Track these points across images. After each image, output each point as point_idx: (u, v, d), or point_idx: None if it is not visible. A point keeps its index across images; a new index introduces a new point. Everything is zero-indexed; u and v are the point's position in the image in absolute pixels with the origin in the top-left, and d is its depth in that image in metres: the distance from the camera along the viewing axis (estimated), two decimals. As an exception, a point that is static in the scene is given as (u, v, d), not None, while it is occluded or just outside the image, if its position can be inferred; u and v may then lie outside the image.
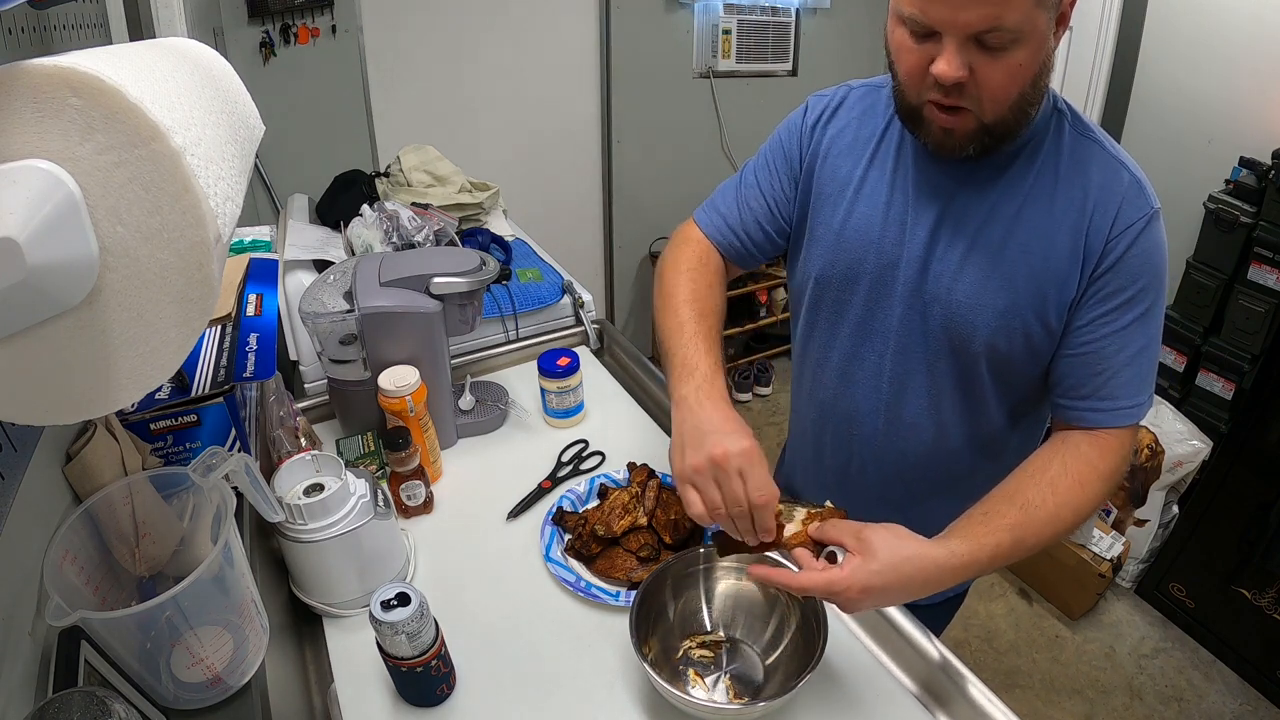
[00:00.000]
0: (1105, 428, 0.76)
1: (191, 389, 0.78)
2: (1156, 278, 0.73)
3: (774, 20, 2.92)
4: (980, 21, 0.62)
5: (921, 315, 0.81)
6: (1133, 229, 0.71)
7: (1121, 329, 0.74)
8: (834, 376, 0.92)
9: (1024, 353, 0.78)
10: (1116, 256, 0.72)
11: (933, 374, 0.83)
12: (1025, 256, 0.74)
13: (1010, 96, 0.67)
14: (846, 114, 0.87)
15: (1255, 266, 1.80)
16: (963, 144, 0.71)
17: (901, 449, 0.89)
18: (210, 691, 0.65)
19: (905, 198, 0.80)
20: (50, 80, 0.33)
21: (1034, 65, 0.66)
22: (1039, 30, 0.63)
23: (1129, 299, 0.73)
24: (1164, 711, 1.85)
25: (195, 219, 0.37)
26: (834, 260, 0.86)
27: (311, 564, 0.80)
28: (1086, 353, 0.75)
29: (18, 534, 0.56)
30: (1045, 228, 0.74)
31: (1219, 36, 1.98)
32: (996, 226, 0.75)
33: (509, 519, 1.00)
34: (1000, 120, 0.69)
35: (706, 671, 0.79)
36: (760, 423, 2.96)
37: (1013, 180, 0.75)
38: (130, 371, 0.39)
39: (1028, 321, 0.76)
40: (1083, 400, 0.76)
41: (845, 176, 0.85)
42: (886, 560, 0.64)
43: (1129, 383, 0.75)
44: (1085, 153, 0.74)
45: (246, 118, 0.60)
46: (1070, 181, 0.73)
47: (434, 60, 2.44)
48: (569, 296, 1.45)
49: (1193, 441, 1.96)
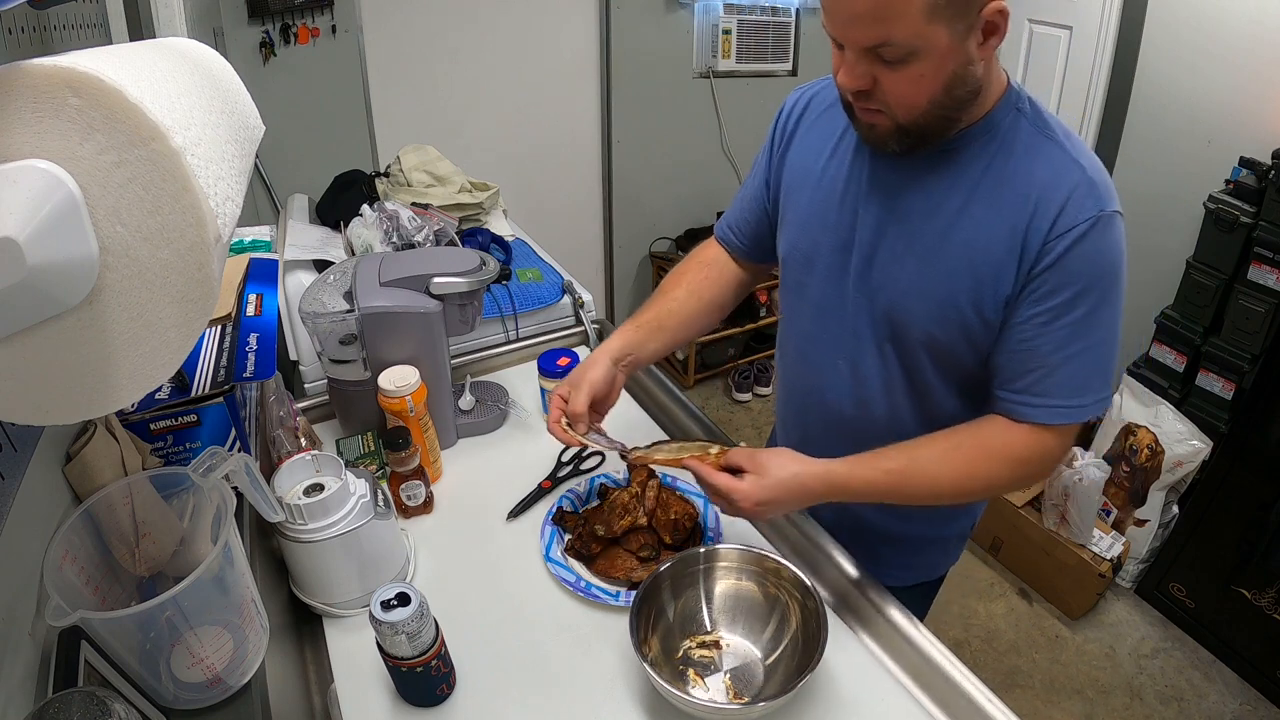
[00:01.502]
0: (1034, 423, 0.77)
1: (191, 389, 0.78)
2: (1101, 280, 0.72)
3: (774, 20, 2.91)
4: (868, 38, 0.65)
5: (870, 300, 0.84)
6: (1075, 230, 0.71)
7: (1059, 329, 0.74)
8: (795, 355, 0.98)
9: (962, 343, 0.80)
10: (1055, 256, 0.72)
11: (882, 357, 0.87)
12: (964, 250, 0.76)
13: (918, 104, 0.69)
14: (817, 106, 0.92)
15: (1255, 266, 1.80)
16: (884, 139, 0.75)
17: (858, 427, 0.92)
18: (210, 691, 0.64)
19: (859, 188, 0.83)
20: (50, 80, 0.33)
21: (939, 76, 0.67)
22: (939, 44, 0.64)
23: (1068, 300, 0.73)
24: (1164, 711, 1.85)
25: (195, 219, 0.37)
26: (797, 242, 0.91)
27: (311, 564, 0.80)
28: (1021, 350, 0.76)
29: (18, 534, 0.56)
30: (987, 223, 0.75)
31: (1219, 37, 1.98)
32: (939, 220, 0.77)
33: (509, 519, 1.00)
34: (915, 124, 0.71)
35: (706, 671, 0.79)
36: (760, 422, 2.96)
37: (960, 176, 0.76)
38: (130, 371, 0.39)
39: (964, 313, 0.77)
40: (1016, 394, 0.78)
41: (810, 164, 0.89)
42: (775, 477, 0.78)
43: (1064, 383, 0.75)
44: (1039, 150, 0.74)
45: (246, 118, 0.60)
46: (1018, 179, 0.74)
47: (434, 60, 2.44)
48: (569, 296, 1.45)
49: (1193, 441, 1.96)
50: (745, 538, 0.96)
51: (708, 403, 3.01)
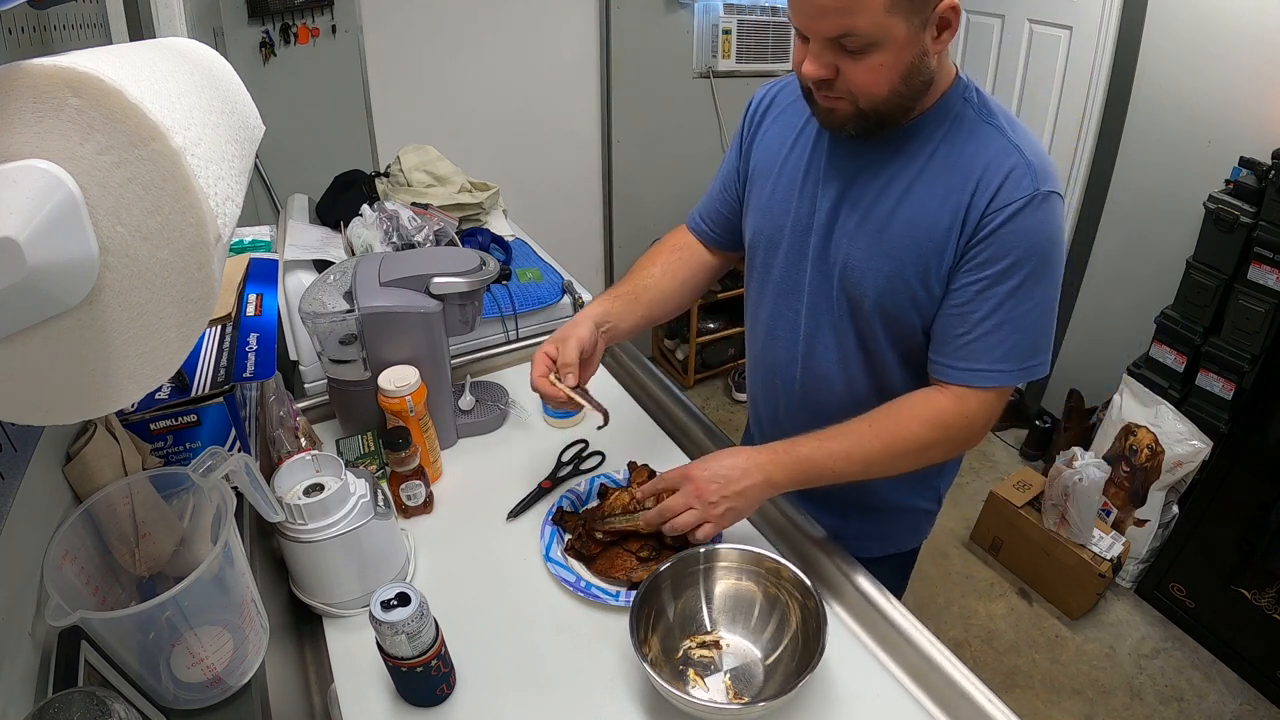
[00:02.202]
0: (958, 385, 0.84)
1: (191, 389, 0.78)
2: (1034, 254, 0.78)
3: (774, 20, 2.91)
4: (832, 29, 0.71)
5: (826, 276, 0.90)
6: (1011, 206, 0.77)
7: (990, 297, 0.80)
8: (762, 332, 1.03)
9: (911, 313, 0.86)
10: (991, 229, 0.78)
11: (838, 331, 0.93)
12: (910, 228, 0.82)
13: (879, 91, 0.75)
14: (782, 100, 0.98)
15: (1255, 266, 1.80)
16: (842, 123, 0.80)
17: (817, 399, 0.98)
18: (210, 691, 0.64)
19: (817, 175, 0.90)
20: (50, 80, 0.33)
21: (898, 66, 0.73)
22: (897, 36, 0.70)
23: (1001, 271, 0.79)
24: (1164, 711, 1.85)
25: (195, 219, 0.37)
26: (761, 226, 0.97)
27: (311, 564, 0.80)
28: (953, 314, 0.83)
29: (18, 534, 0.56)
30: (931, 203, 0.81)
31: (1219, 37, 1.98)
32: (887, 201, 0.84)
33: (509, 519, 1.00)
34: (874, 109, 0.77)
35: (706, 671, 0.79)
36: (760, 423, 2.96)
37: (908, 160, 0.83)
38: (130, 371, 0.39)
39: (912, 285, 0.84)
40: (943, 356, 0.85)
41: (774, 153, 0.95)
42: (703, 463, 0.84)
43: (989, 348, 0.81)
44: (982, 136, 0.80)
45: (246, 118, 0.60)
46: (963, 162, 0.80)
47: (434, 60, 2.44)
48: (569, 296, 1.45)
49: (1193, 441, 1.96)
50: (745, 538, 0.96)
51: (708, 403, 3.01)
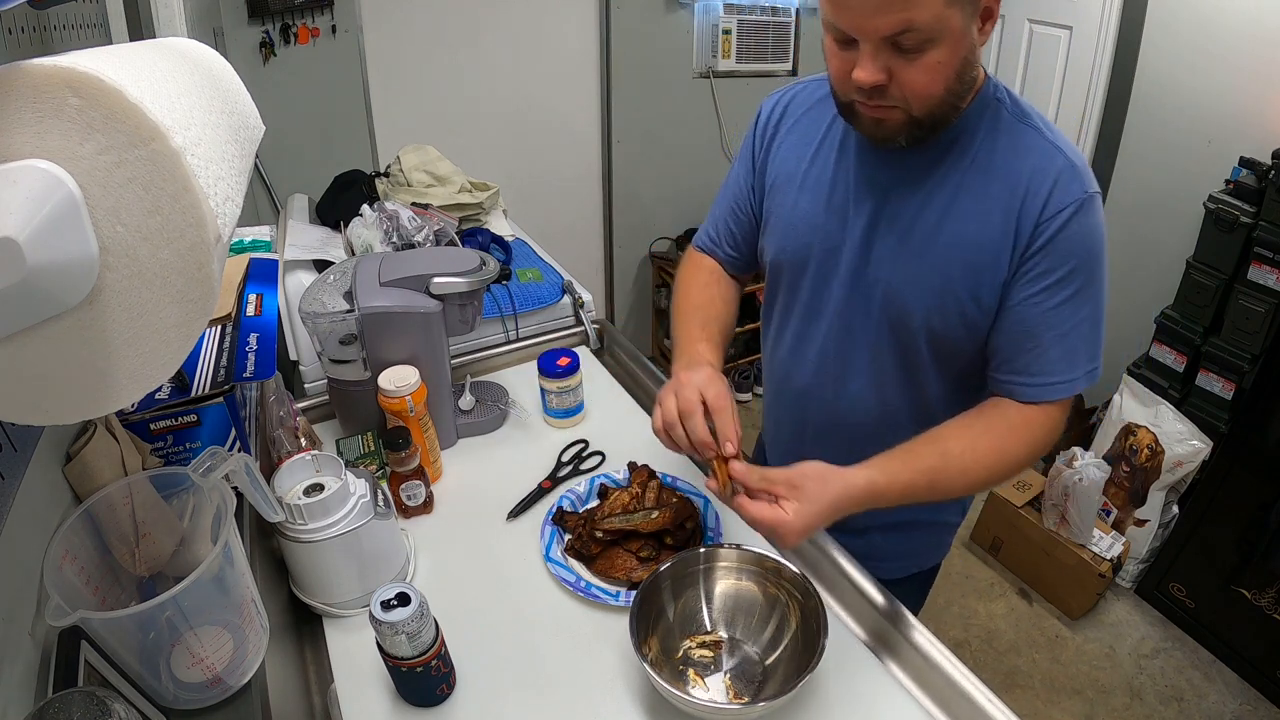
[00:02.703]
0: (1033, 402, 0.80)
1: (191, 389, 0.78)
2: (1089, 259, 0.76)
3: (774, 20, 2.91)
4: (891, 26, 0.65)
5: (864, 297, 0.86)
6: (1064, 212, 0.74)
7: (1052, 308, 0.77)
8: (786, 355, 0.98)
9: (960, 329, 0.82)
10: (1047, 238, 0.75)
11: (875, 351, 0.88)
12: (958, 241, 0.78)
13: (935, 93, 0.70)
14: (795, 110, 0.92)
15: (1255, 266, 1.80)
16: (893, 134, 0.75)
17: (849, 422, 0.94)
18: (210, 691, 0.65)
19: (847, 188, 0.85)
20: (50, 80, 0.33)
21: (954, 61, 0.69)
22: (954, 28, 0.66)
23: (1060, 279, 0.76)
24: (1164, 711, 1.85)
25: (195, 219, 0.37)
26: (785, 245, 0.92)
27: (311, 564, 0.80)
28: (1017, 330, 0.79)
29: (18, 534, 0.56)
30: (978, 213, 0.77)
31: (1219, 37, 1.98)
32: (930, 213, 0.80)
33: (509, 519, 1.00)
34: (929, 114, 0.73)
35: (706, 671, 0.79)
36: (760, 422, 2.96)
37: (948, 169, 0.79)
38: (130, 371, 0.39)
39: (961, 300, 0.80)
40: (1014, 374, 0.81)
41: (794, 168, 0.90)
42: (819, 502, 0.73)
43: (1058, 359, 0.78)
44: (1021, 139, 0.77)
45: (246, 118, 0.60)
46: (1005, 167, 0.77)
47: (434, 60, 2.44)
48: (569, 296, 1.45)
49: (1193, 441, 1.96)
50: (746, 538, 0.96)
51: (708, 403, 3.01)
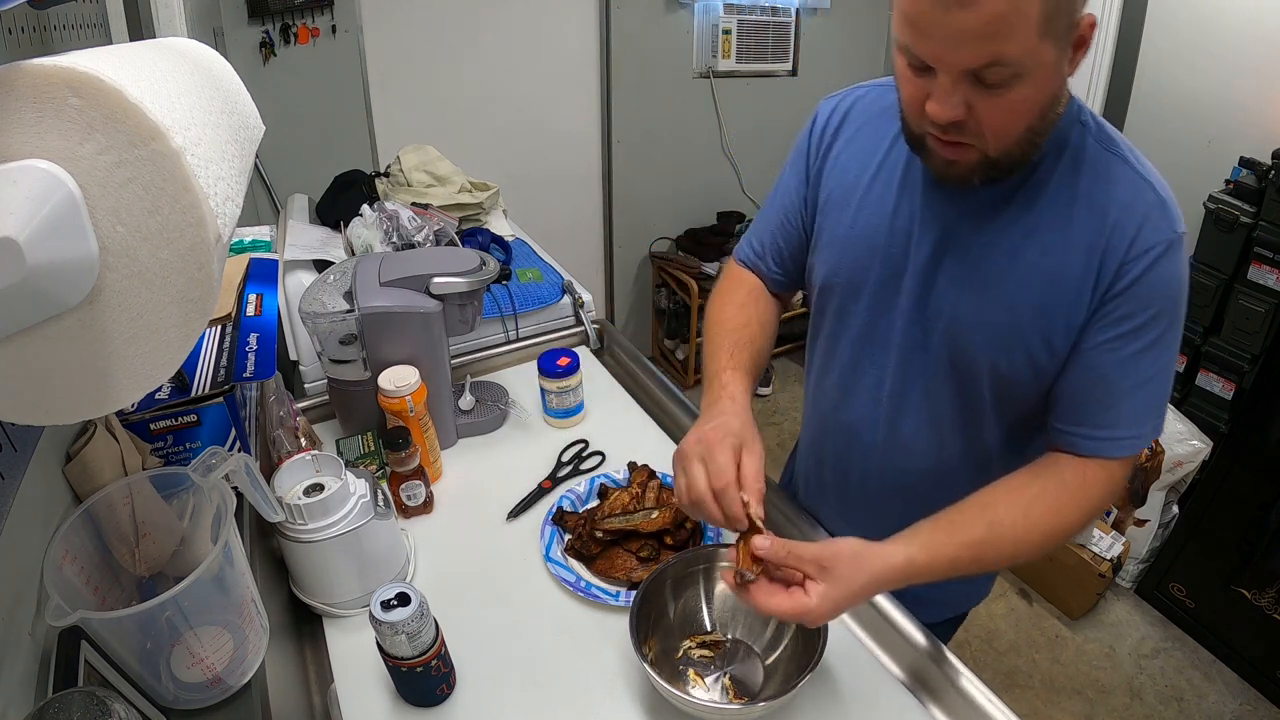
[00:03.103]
0: (1098, 456, 0.73)
1: (191, 389, 0.78)
2: (1172, 305, 0.69)
3: (774, 20, 2.92)
4: (975, 58, 0.57)
5: (924, 330, 0.78)
6: (1151, 253, 0.67)
7: (1128, 356, 0.70)
8: (835, 386, 0.90)
9: (1027, 373, 0.75)
10: (1130, 280, 0.68)
11: (933, 391, 0.81)
12: (1032, 277, 0.71)
13: (1015, 132, 0.64)
14: (857, 117, 0.84)
15: (1255, 266, 1.80)
16: (966, 175, 0.68)
17: (899, 465, 0.87)
18: (210, 691, 0.65)
19: (913, 207, 0.77)
20: (50, 80, 0.33)
21: (1041, 99, 0.61)
22: (1046, 62, 0.58)
23: (1139, 326, 0.69)
24: (1164, 711, 1.85)
25: (195, 219, 0.37)
26: (839, 266, 0.83)
27: (311, 564, 0.80)
28: (1087, 378, 0.72)
29: (18, 534, 0.56)
30: (1057, 246, 0.70)
31: (1219, 37, 1.98)
32: (1005, 242, 0.72)
33: (509, 519, 1.00)
34: (1006, 154, 0.65)
35: (706, 671, 0.79)
36: (760, 423, 2.93)
37: (1026, 198, 0.71)
38: (130, 371, 0.39)
39: (1031, 342, 0.73)
40: (1078, 426, 0.73)
41: (853, 182, 0.82)
42: (849, 585, 0.66)
43: (1128, 413, 0.71)
44: (1108, 168, 0.70)
45: (246, 118, 0.60)
46: (1090, 199, 0.69)
47: (434, 60, 2.44)
48: (569, 296, 1.45)
49: (1193, 441, 1.96)
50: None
51: (708, 403, 3.01)
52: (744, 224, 3.15)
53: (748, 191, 3.21)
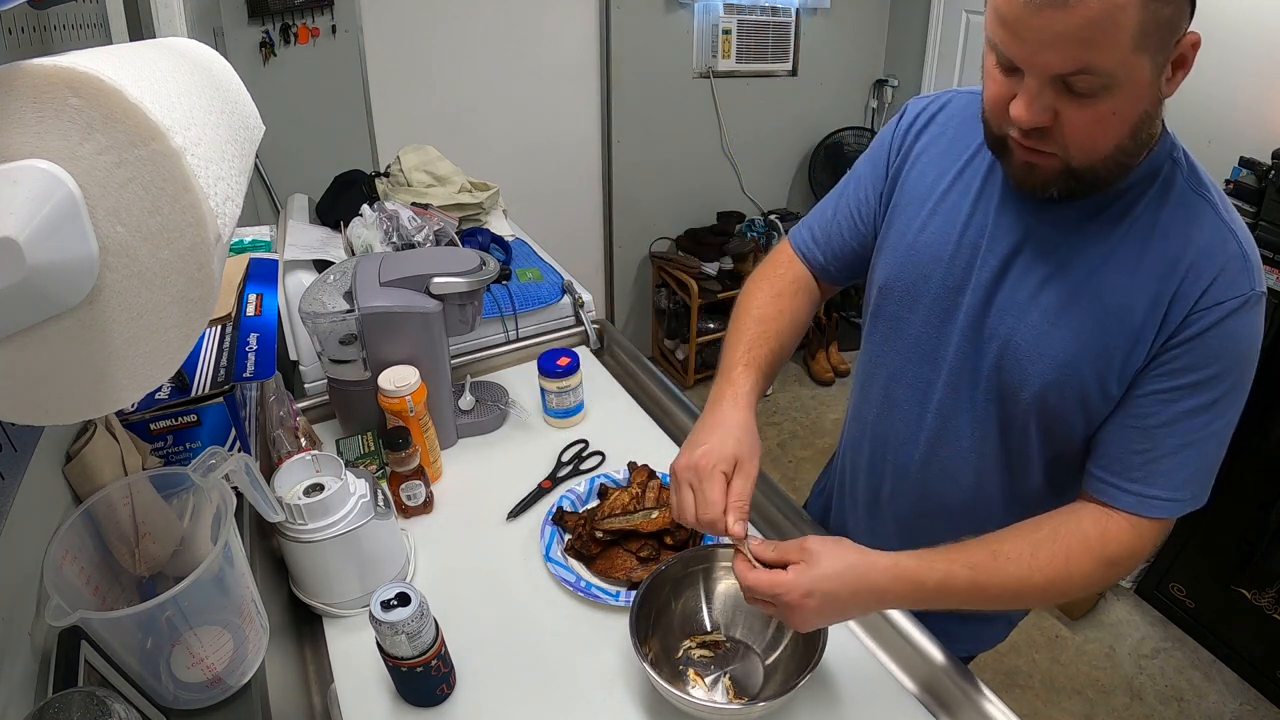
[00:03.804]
0: (1127, 512, 0.69)
1: (191, 389, 0.78)
2: (1238, 367, 0.65)
3: (774, 20, 2.92)
4: (1065, 64, 0.55)
5: (977, 351, 0.75)
6: (1224, 305, 0.63)
7: (1181, 412, 0.66)
8: (879, 396, 0.88)
9: (1077, 413, 0.71)
10: (1197, 331, 0.64)
11: (979, 417, 0.78)
12: (1097, 310, 0.67)
13: (1103, 147, 0.61)
14: (945, 121, 0.81)
15: (1255, 266, 1.80)
16: (1045, 184, 0.65)
17: (935, 488, 0.84)
18: (210, 691, 0.65)
19: (985, 221, 0.74)
20: (50, 80, 0.33)
21: (1131, 115, 0.59)
22: (1139, 77, 0.56)
23: (1198, 382, 0.65)
24: (1164, 711, 1.85)
25: (195, 219, 0.37)
26: (900, 272, 0.81)
27: (311, 564, 0.80)
28: (1134, 426, 0.68)
29: (18, 534, 0.56)
30: (1127, 285, 0.66)
31: (1219, 37, 1.98)
32: (1075, 271, 0.68)
33: (509, 519, 1.00)
34: (1089, 168, 0.63)
35: (706, 671, 0.79)
36: (760, 423, 2.94)
37: (1104, 225, 0.68)
38: (130, 371, 0.39)
39: (1085, 379, 0.69)
40: (1114, 476, 0.70)
41: (929, 187, 0.79)
42: (829, 566, 0.65)
43: (1170, 472, 0.67)
44: (1194, 210, 0.66)
45: (246, 118, 0.60)
46: (1167, 238, 0.65)
47: (434, 60, 2.44)
48: (569, 296, 1.45)
49: (1193, 441, 1.96)
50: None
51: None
52: (744, 224, 3.15)
53: (748, 192, 3.21)
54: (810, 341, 3.25)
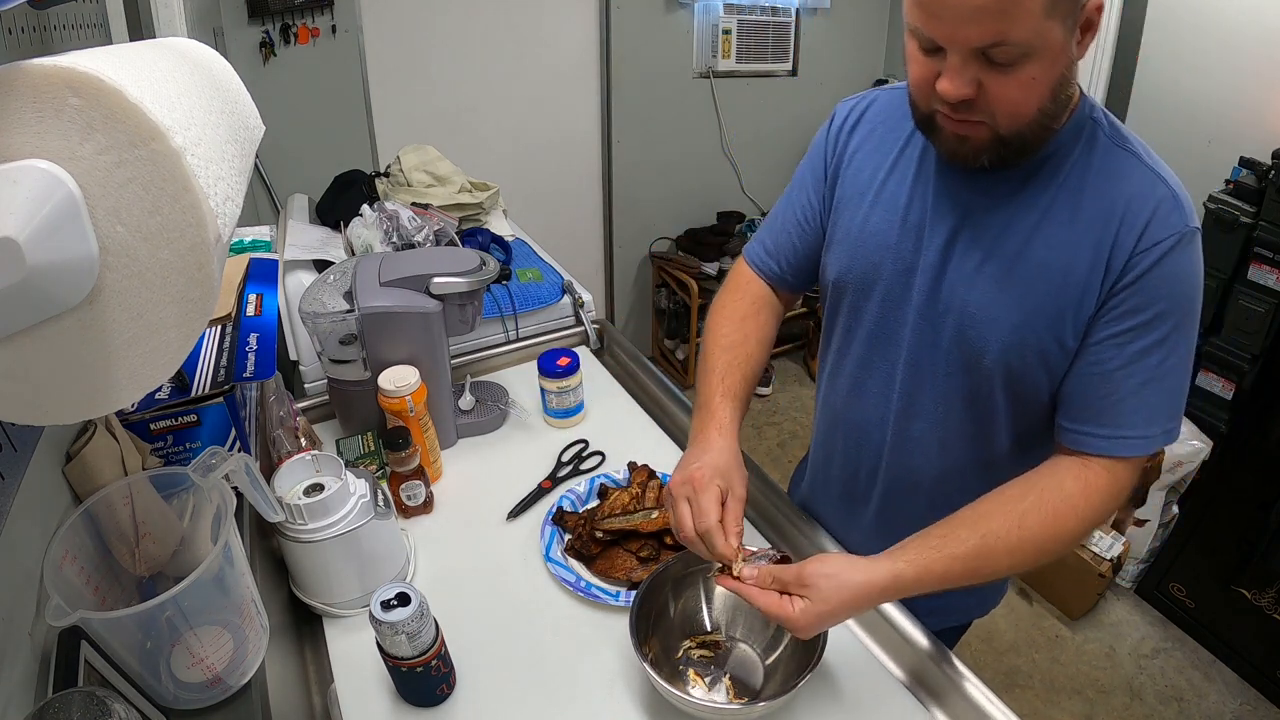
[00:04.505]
0: (1102, 455, 0.72)
1: (191, 389, 0.78)
2: (1182, 301, 0.68)
3: (774, 20, 2.92)
4: (983, 36, 0.59)
5: (934, 327, 0.79)
6: (1160, 245, 0.67)
7: (1136, 352, 0.69)
8: (846, 384, 0.90)
9: (1039, 370, 0.74)
10: (1139, 273, 0.68)
11: (943, 390, 0.81)
12: (1043, 270, 0.71)
13: (1027, 111, 0.64)
14: (873, 118, 0.85)
15: (1255, 266, 1.80)
16: (976, 153, 0.68)
17: (908, 464, 0.87)
18: (210, 691, 0.65)
19: (924, 205, 0.78)
20: (50, 80, 0.33)
21: (1050, 78, 0.63)
22: (1053, 42, 0.60)
23: (1147, 321, 0.68)
24: (1164, 711, 1.85)
25: (195, 219, 0.37)
26: (851, 264, 0.84)
27: (311, 564, 0.80)
28: (1094, 373, 0.71)
29: (18, 534, 0.56)
30: (1066, 241, 0.70)
31: (1219, 36, 1.98)
32: (1014, 238, 0.72)
33: (509, 519, 1.00)
34: (1017, 134, 0.66)
35: (706, 671, 0.79)
36: (760, 423, 2.96)
37: (1036, 191, 0.72)
38: (130, 371, 0.39)
39: (1042, 338, 0.72)
40: (1085, 424, 0.73)
41: (867, 180, 0.83)
42: (828, 603, 0.68)
43: (1136, 411, 0.70)
44: (1120, 163, 0.70)
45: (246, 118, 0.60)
46: (1098, 193, 0.69)
47: (434, 60, 2.44)
48: (569, 296, 1.45)
49: (1193, 441, 1.96)
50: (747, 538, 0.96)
51: (708, 403, 3.00)
52: (744, 224, 3.15)
53: (748, 192, 3.21)
54: (810, 342, 3.25)
